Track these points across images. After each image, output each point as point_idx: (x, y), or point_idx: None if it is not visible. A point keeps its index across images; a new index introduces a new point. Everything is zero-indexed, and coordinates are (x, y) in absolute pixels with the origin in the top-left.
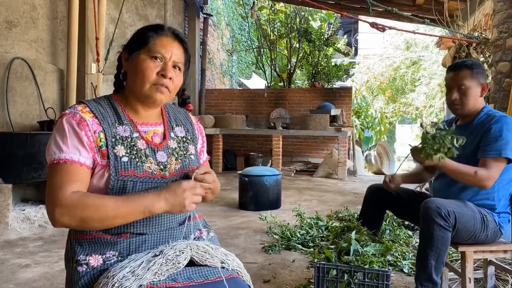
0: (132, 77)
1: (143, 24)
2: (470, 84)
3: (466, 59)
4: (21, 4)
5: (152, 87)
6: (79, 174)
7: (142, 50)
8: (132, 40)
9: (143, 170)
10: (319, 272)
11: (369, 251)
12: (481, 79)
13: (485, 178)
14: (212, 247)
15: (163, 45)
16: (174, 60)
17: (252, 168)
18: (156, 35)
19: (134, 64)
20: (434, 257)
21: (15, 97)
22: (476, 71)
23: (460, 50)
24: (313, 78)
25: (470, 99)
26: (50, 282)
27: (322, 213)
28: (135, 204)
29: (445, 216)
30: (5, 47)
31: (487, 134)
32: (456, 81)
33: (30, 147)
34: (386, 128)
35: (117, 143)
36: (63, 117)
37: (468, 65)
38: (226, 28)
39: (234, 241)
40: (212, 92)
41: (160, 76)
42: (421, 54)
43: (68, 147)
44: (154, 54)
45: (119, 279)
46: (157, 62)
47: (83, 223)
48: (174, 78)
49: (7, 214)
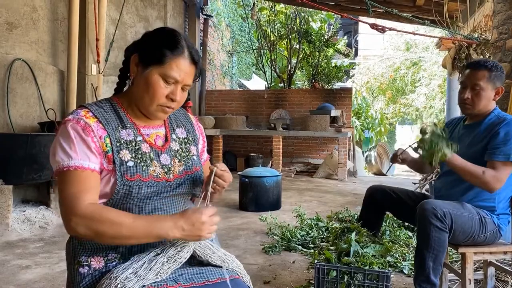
0: (140, 91)
1: (143, 25)
2: (485, 85)
3: (488, 60)
4: (21, 5)
5: (159, 107)
6: (91, 181)
7: (156, 67)
8: (146, 49)
9: (148, 174)
10: (319, 273)
11: (369, 252)
12: (497, 83)
13: (494, 180)
14: (213, 245)
15: (179, 69)
16: (185, 83)
17: (252, 169)
18: (173, 57)
19: (145, 79)
20: (432, 258)
21: (15, 98)
22: (494, 74)
23: (460, 51)
24: (313, 79)
25: (482, 101)
26: (51, 283)
27: (322, 214)
28: (151, 228)
29: (441, 218)
30: (6, 48)
31: (495, 137)
32: (472, 80)
33: (31, 148)
34: (386, 129)
35: (122, 148)
36: (66, 123)
37: (487, 66)
38: (226, 29)
39: (234, 242)
40: (212, 93)
41: (168, 100)
42: (421, 55)
43: (77, 153)
44: (167, 79)
45: (121, 280)
46: (169, 85)
47: (97, 236)
48: (180, 98)
49: (8, 215)
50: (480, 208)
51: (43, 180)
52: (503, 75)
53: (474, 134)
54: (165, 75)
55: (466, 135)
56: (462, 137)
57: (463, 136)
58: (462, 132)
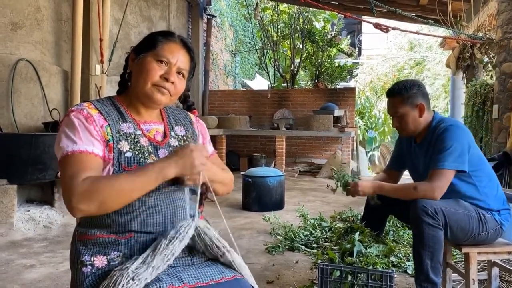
0: (136, 76)
1: (147, 26)
2: (404, 110)
3: (398, 82)
4: (26, 6)
5: (153, 87)
6: (93, 163)
7: (150, 52)
8: (141, 42)
9: None
10: (322, 273)
11: (372, 252)
12: (416, 101)
13: (429, 190)
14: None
15: (170, 51)
16: (179, 66)
17: (256, 169)
18: (165, 40)
19: (140, 65)
20: (428, 256)
21: (20, 98)
22: (407, 95)
23: (464, 51)
24: (317, 78)
25: (409, 124)
26: (55, 282)
27: (325, 214)
28: (147, 173)
29: (432, 214)
30: (10, 49)
31: (434, 146)
32: (391, 109)
33: (35, 148)
34: (390, 129)
35: (121, 139)
36: (70, 113)
37: (398, 91)
38: (229, 29)
39: (238, 242)
40: (216, 93)
41: (163, 79)
42: (425, 55)
43: (81, 139)
44: (160, 58)
45: (133, 269)
46: (162, 66)
47: (102, 205)
48: (176, 83)
49: (12, 214)
50: (476, 207)
51: (47, 179)
52: (419, 90)
53: (424, 152)
54: (157, 55)
55: (419, 154)
56: (416, 156)
57: (418, 155)
58: (416, 151)
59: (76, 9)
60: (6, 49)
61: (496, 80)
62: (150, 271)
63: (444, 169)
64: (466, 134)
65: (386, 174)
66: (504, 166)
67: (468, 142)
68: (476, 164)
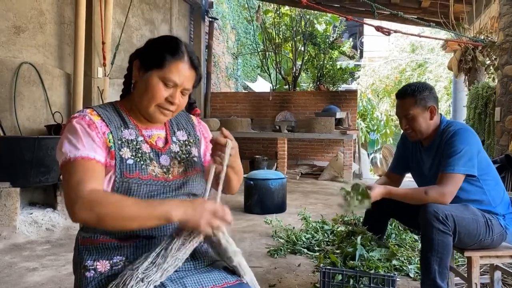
0: (140, 93)
1: (149, 28)
2: (416, 111)
3: (410, 84)
4: (28, 9)
5: (157, 109)
6: (96, 172)
7: (156, 70)
8: (148, 54)
9: (147, 173)
10: (324, 276)
11: (374, 256)
12: (428, 103)
13: (439, 194)
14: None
15: (178, 73)
16: (185, 87)
17: (257, 172)
18: (173, 60)
19: (145, 82)
20: (436, 262)
21: (22, 101)
22: (420, 97)
23: (466, 53)
24: (318, 81)
25: (421, 126)
26: (58, 285)
27: (327, 216)
28: (154, 208)
29: (443, 220)
30: (13, 52)
31: (443, 150)
32: (402, 110)
33: (38, 151)
34: (391, 131)
35: (123, 146)
36: (72, 119)
37: (410, 93)
38: (231, 31)
39: (240, 245)
40: (218, 95)
41: (167, 102)
42: (427, 57)
43: (84, 145)
44: (167, 82)
45: (142, 270)
46: (168, 88)
47: (101, 220)
48: (180, 102)
49: (15, 217)
50: (483, 211)
51: (50, 182)
52: (431, 93)
53: (433, 156)
54: (164, 78)
55: (426, 157)
56: (423, 159)
57: (424, 158)
58: (422, 155)
59: (78, 12)
60: (9, 53)
61: (498, 83)
62: (160, 273)
63: (454, 173)
64: (475, 137)
65: (387, 177)
66: (506, 169)
67: (477, 146)
68: (484, 168)
